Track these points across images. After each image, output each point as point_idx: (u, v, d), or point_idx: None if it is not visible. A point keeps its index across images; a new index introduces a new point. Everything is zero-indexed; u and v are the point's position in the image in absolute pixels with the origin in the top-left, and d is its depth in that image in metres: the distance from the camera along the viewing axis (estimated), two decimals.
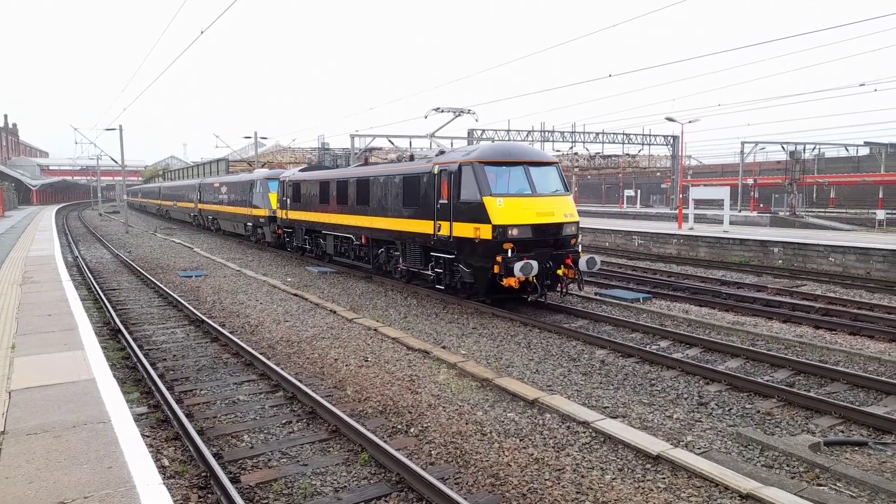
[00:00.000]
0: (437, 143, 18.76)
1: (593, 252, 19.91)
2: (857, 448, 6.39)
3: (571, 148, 49.64)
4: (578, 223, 13.01)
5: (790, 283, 16.38)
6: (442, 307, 13.50)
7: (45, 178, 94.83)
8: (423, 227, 13.86)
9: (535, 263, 11.52)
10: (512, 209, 12.00)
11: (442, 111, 16.36)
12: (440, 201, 13.20)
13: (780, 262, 20.25)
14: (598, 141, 46.87)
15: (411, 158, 16.25)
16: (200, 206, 36.98)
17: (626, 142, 46.91)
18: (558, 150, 50.46)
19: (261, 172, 28.20)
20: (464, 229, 12.47)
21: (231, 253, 25.42)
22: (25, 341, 8.41)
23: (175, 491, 5.23)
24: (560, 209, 12.58)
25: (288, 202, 22.97)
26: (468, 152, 13.11)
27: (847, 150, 55.58)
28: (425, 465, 5.79)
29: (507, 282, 11.74)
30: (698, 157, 71.97)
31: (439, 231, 13.24)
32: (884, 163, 51.08)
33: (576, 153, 51.58)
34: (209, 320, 11.71)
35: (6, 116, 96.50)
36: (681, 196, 34.03)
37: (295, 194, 22.30)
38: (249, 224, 27.84)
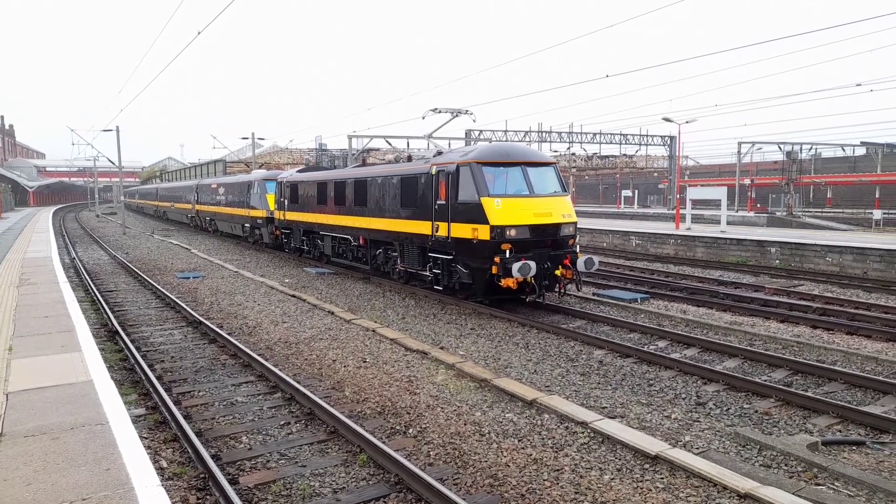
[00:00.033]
0: (435, 143, 18.77)
1: (591, 252, 19.95)
2: (854, 447, 6.41)
3: (569, 148, 49.77)
4: (576, 224, 13.01)
5: (787, 283, 16.41)
6: (440, 308, 13.50)
7: (42, 179, 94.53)
8: (421, 227, 13.85)
9: (533, 264, 11.53)
10: (510, 210, 12.01)
11: (439, 112, 16.37)
12: (438, 202, 13.19)
13: (778, 262, 20.28)
14: (595, 141, 46.93)
15: (409, 159, 16.22)
16: (198, 207, 36.90)
17: (624, 142, 47.00)
18: (556, 151, 50.61)
19: (258, 173, 28.13)
20: (462, 230, 12.47)
21: (229, 254, 25.39)
22: (23, 343, 8.38)
23: (173, 492, 5.23)
24: (558, 210, 12.58)
25: (285, 203, 22.94)
26: (466, 153, 13.10)
27: (844, 150, 55.66)
28: (424, 466, 5.79)
29: (505, 282, 11.75)
30: (695, 157, 72.27)
31: (437, 232, 13.24)
32: (880, 163, 51.16)
33: (573, 154, 51.66)
34: (207, 321, 11.69)
35: (3, 118, 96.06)
36: (678, 196, 34.09)
37: (292, 195, 22.27)
38: (247, 225, 27.78)
